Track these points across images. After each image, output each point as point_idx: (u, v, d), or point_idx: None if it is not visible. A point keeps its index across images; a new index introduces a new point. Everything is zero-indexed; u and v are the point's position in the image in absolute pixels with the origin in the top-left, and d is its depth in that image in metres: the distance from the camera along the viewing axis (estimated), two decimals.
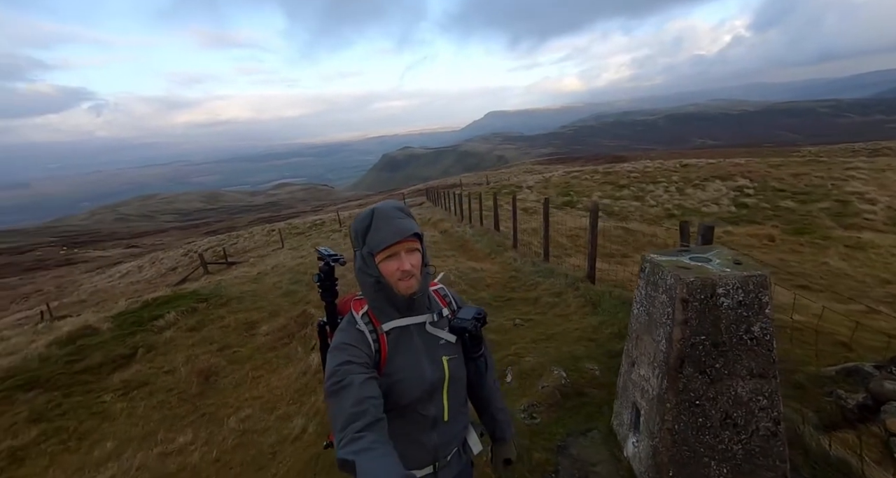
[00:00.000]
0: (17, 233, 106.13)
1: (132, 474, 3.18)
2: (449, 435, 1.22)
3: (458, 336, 1.23)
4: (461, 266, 6.41)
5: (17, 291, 31.04)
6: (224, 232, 49.70)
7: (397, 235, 1.09)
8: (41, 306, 14.44)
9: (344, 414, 0.93)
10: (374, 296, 1.13)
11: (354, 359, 1.03)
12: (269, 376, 4.42)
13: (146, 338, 5.40)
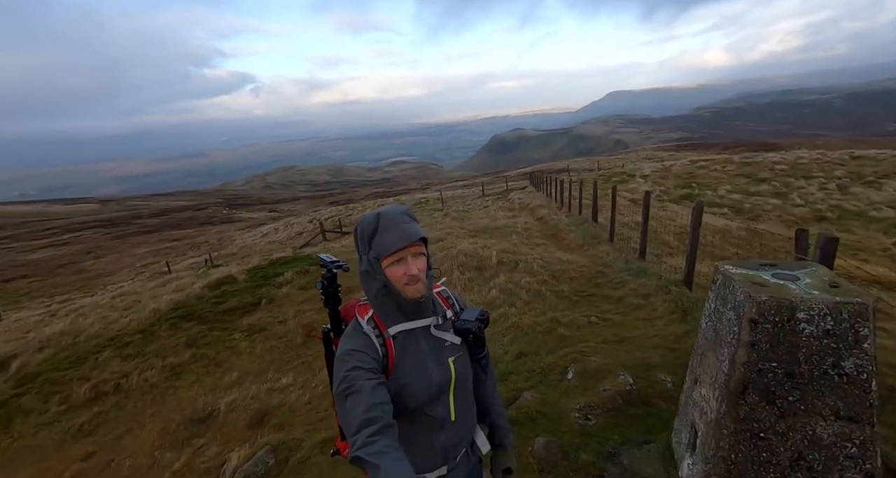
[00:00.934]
0: (197, 193, 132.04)
1: (247, 401, 3.95)
2: (457, 436, 1.22)
3: (461, 337, 1.23)
4: (547, 256, 6.28)
5: (193, 240, 38.96)
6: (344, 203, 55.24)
7: (404, 239, 1.09)
8: (205, 255, 17.95)
9: (357, 420, 0.95)
10: (380, 300, 1.14)
11: (363, 365, 1.05)
12: None
13: (269, 291, 6.46)
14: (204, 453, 3.28)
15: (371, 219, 1.12)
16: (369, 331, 1.11)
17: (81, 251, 38.29)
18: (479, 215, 12.36)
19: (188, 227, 52.49)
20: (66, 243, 45.02)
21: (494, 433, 1.34)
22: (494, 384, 1.38)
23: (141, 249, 36.72)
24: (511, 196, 19.41)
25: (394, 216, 1.12)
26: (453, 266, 6.29)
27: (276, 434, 3.35)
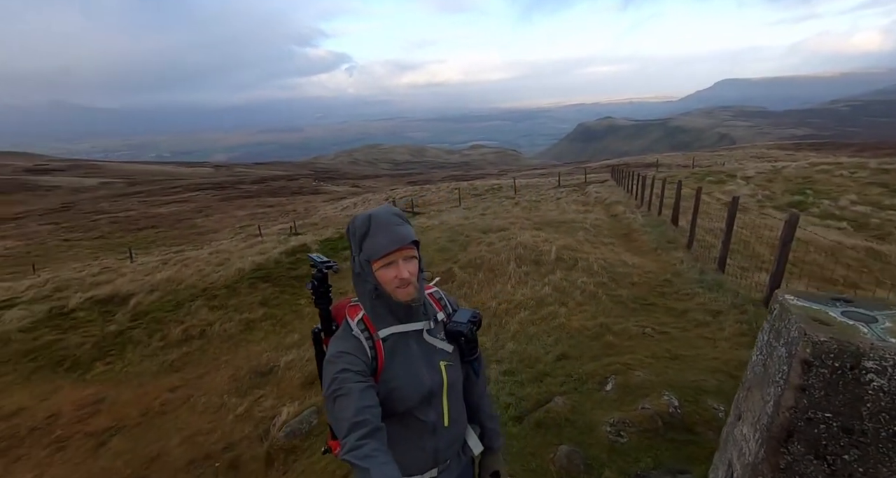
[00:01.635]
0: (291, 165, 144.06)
1: (303, 363, 4.34)
2: (449, 439, 1.22)
3: (454, 339, 1.22)
4: (611, 257, 5.94)
5: (284, 208, 42.86)
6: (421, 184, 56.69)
7: (395, 242, 1.08)
8: (291, 223, 19.66)
9: (347, 423, 0.97)
10: (371, 303, 1.13)
11: (352, 367, 1.05)
12: None
13: (338, 262, 6.95)
14: (262, 403, 3.69)
15: (362, 220, 1.11)
16: (359, 333, 1.11)
17: (195, 209, 44.08)
18: (549, 207, 11.96)
19: (281, 195, 57.68)
20: (185, 201, 52.04)
21: (484, 436, 1.33)
22: (485, 386, 1.37)
23: (241, 211, 41.30)
24: (588, 189, 18.45)
25: (385, 218, 1.10)
26: (510, 258, 6.21)
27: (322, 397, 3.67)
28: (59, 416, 3.84)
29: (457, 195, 22.40)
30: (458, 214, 13.08)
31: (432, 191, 30.07)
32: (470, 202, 19.89)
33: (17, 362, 4.82)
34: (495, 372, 3.41)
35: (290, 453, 3.02)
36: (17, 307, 6.53)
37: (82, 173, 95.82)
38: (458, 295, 5.46)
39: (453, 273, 6.08)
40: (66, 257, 22.11)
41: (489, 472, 1.34)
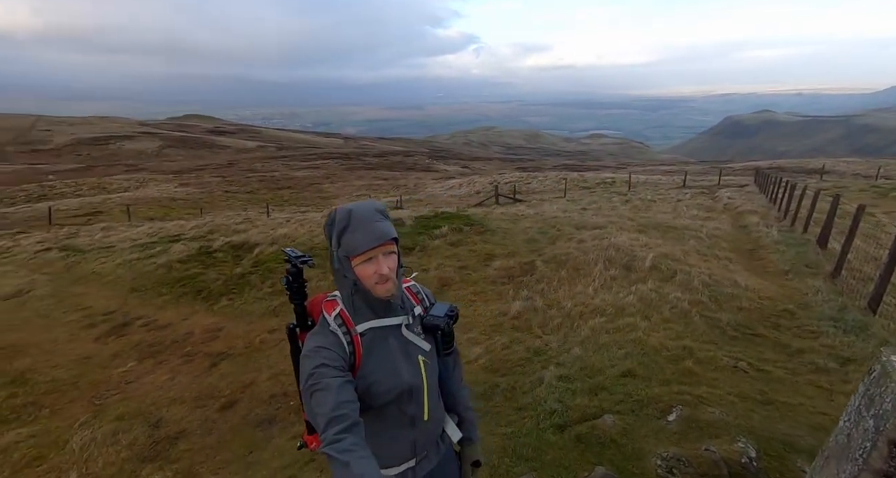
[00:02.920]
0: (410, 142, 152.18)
1: None
2: (428, 432, 1.24)
3: (431, 333, 1.23)
4: (720, 274, 5.18)
5: (396, 182, 45.81)
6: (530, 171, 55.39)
7: (376, 239, 1.07)
8: (397, 197, 20.96)
9: (325, 418, 0.98)
10: (350, 298, 1.13)
11: (329, 362, 1.05)
12: (480, 303, 5.25)
13: (424, 240, 7.27)
14: None
15: (342, 216, 1.10)
16: (336, 328, 1.10)
17: (323, 176, 49.56)
18: (663, 209, 10.77)
19: (396, 169, 61.59)
20: (317, 168, 58.77)
21: (462, 426, 1.34)
22: (461, 376, 1.37)
23: (360, 181, 45.26)
24: (719, 193, 16.09)
25: (366, 214, 1.09)
26: (599, 259, 5.81)
27: None
28: (191, 335, 4.82)
29: (563, 186, 21.42)
30: (558, 205, 12.56)
31: (539, 179, 29.18)
32: (576, 195, 18.89)
33: (172, 286, 6.14)
34: (551, 375, 3.30)
35: None
36: (180, 242, 8.23)
37: (246, 137, 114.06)
38: (535, 290, 5.33)
39: (535, 266, 5.93)
40: (224, 206, 26.85)
41: (470, 462, 1.35)
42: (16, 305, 5.93)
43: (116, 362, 4.36)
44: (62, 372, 4.17)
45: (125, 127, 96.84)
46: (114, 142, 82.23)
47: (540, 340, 4.14)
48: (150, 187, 35.73)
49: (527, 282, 5.59)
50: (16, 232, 14.64)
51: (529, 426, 2.73)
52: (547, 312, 4.74)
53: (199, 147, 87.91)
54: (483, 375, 3.60)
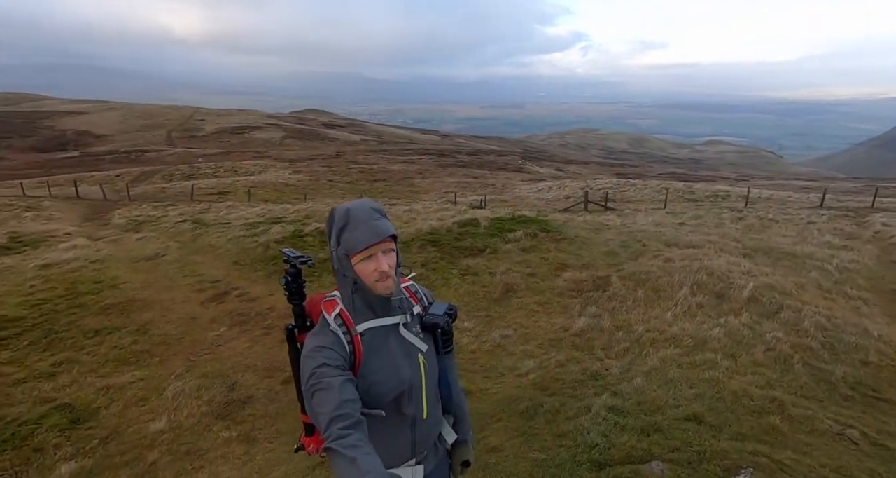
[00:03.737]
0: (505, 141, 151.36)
1: None
2: (427, 431, 1.25)
3: (429, 332, 1.23)
4: (845, 317, 4.28)
5: (485, 181, 45.91)
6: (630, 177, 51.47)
7: (375, 236, 1.08)
8: (483, 196, 20.98)
9: (327, 417, 0.98)
10: (350, 297, 1.14)
11: (330, 362, 1.05)
12: (543, 315, 5.04)
13: (496, 243, 7.17)
14: None
15: (341, 214, 1.12)
16: (336, 328, 1.11)
17: (417, 171, 51.64)
18: (785, 231, 9.23)
19: (488, 168, 61.64)
20: (412, 163, 61.45)
21: (457, 427, 1.35)
22: (457, 377, 1.38)
23: (450, 178, 46.26)
24: (870, 218, 13.28)
25: (364, 212, 1.11)
26: (685, 281, 5.19)
27: None
28: (273, 310, 5.39)
29: (664, 196, 19.53)
30: (653, 218, 11.48)
31: (637, 187, 26.96)
32: (678, 207, 17.09)
33: (266, 263, 6.92)
34: (602, 404, 3.04)
35: None
36: (280, 224, 9.23)
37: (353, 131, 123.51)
38: (605, 308, 4.95)
39: (609, 282, 5.50)
40: (326, 193, 29.47)
41: (460, 461, 1.36)
42: (152, 265, 7.21)
43: (213, 325, 5.06)
44: (172, 328, 4.96)
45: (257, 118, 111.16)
46: (247, 131, 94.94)
47: (599, 364, 3.84)
48: (270, 173, 40.64)
49: (597, 298, 5.21)
50: (167, 204, 17.73)
51: (564, 457, 2.55)
52: (614, 333, 4.38)
53: (313, 139, 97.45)
54: (530, 391, 3.45)
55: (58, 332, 4.70)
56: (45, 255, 7.72)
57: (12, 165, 56.94)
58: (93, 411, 3.51)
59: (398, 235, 1.18)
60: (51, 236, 9.82)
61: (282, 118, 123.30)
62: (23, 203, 17.90)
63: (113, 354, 4.37)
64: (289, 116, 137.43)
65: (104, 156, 64.27)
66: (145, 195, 23.48)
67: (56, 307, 5.29)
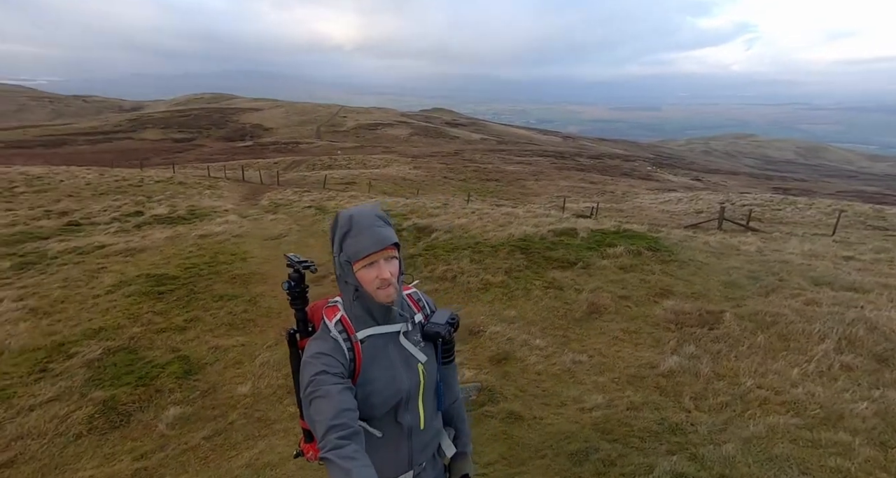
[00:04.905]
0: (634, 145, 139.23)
1: (500, 339, 4.61)
2: (424, 442, 1.22)
3: (431, 341, 1.20)
4: None
5: (604, 187, 42.86)
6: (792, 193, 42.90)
7: (377, 244, 1.07)
8: (595, 204, 19.56)
9: (324, 425, 0.98)
10: (351, 304, 1.14)
11: (329, 369, 1.04)
12: (628, 345, 4.45)
13: (591, 257, 6.59)
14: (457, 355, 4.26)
15: (344, 220, 1.11)
16: (337, 335, 1.11)
17: (531, 172, 50.60)
18: None
19: (609, 174, 57.42)
20: (528, 164, 60.44)
21: (458, 439, 1.34)
22: (458, 388, 1.36)
23: (565, 182, 44.25)
24: None
25: (367, 219, 1.09)
26: (829, 333, 4.07)
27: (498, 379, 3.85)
28: None
29: (835, 220, 15.76)
30: (811, 246, 9.36)
31: (800, 205, 22.24)
32: (854, 235, 13.66)
33: None
34: (669, 467, 2.57)
35: None
36: None
37: (474, 130, 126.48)
38: (707, 350, 4.17)
39: (721, 319, 4.63)
40: (438, 190, 30.72)
41: (459, 475, 1.33)
42: (275, 244, 8.37)
43: None
44: (276, 302, 5.68)
45: (389, 116, 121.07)
46: (380, 128, 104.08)
47: (684, 416, 3.26)
48: (393, 167, 43.95)
49: (700, 336, 4.43)
50: (304, 191, 20.43)
51: None
52: (712, 382, 3.67)
53: (436, 136, 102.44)
54: (588, 431, 3.09)
55: (196, 293, 5.76)
56: (205, 226, 9.53)
57: (207, 151, 71.82)
58: (202, 366, 4.20)
59: (489, 240, 1.18)
60: (214, 211, 12.08)
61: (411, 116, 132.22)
62: (206, 183, 22.41)
63: (227, 319, 5.18)
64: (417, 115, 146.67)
65: (269, 146, 76.99)
66: (291, 181, 27.39)
67: (200, 272, 6.48)
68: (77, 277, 6.32)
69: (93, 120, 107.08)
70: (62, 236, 8.98)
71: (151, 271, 6.41)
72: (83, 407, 3.56)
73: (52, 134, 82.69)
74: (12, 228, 9.68)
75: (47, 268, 6.78)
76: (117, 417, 3.53)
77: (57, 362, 4.13)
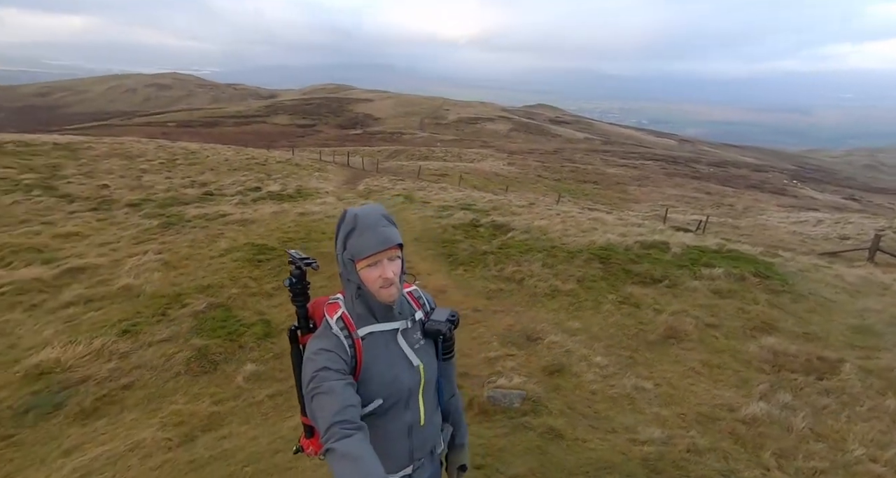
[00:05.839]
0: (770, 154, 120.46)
1: (557, 350, 4.39)
2: (424, 438, 1.23)
3: (431, 338, 1.21)
4: None
5: (721, 199, 37.86)
6: None
7: (381, 244, 1.08)
8: (705, 217, 17.40)
9: (328, 421, 0.98)
10: (353, 302, 1.15)
11: (331, 365, 1.06)
12: (705, 380, 3.92)
13: (681, 276, 5.88)
14: (505, 363, 4.14)
15: (349, 219, 1.11)
16: (338, 331, 1.12)
17: (635, 177, 46.73)
18: None
19: (731, 185, 50.53)
20: (633, 168, 55.93)
21: (457, 432, 1.37)
22: (455, 384, 1.39)
23: (673, 190, 40.02)
24: None
25: (372, 219, 1.10)
26: None
27: (547, 391, 3.69)
28: (425, 287, 5.96)
29: None
30: None
31: None
32: None
33: (436, 244, 7.60)
34: None
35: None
36: (467, 210, 9.97)
37: (578, 128, 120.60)
38: (810, 403, 3.45)
39: (838, 369, 3.80)
40: (529, 188, 30.01)
41: (456, 466, 1.37)
42: None
43: None
44: None
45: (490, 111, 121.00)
46: (480, 122, 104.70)
47: (759, 474, 2.80)
48: (487, 162, 43.99)
49: (802, 384, 3.72)
50: (398, 179, 21.53)
51: None
52: (807, 442, 3.08)
53: (537, 133, 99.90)
54: (633, 465, 2.82)
55: (286, 265, 6.39)
56: (306, 205, 10.58)
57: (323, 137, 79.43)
58: (279, 331, 4.68)
59: (567, 245, 1.20)
60: (317, 192, 13.34)
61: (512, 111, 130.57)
62: (317, 166, 24.82)
63: None
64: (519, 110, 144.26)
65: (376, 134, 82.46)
66: (389, 169, 29.05)
67: (293, 246, 7.24)
68: (201, 239, 7.50)
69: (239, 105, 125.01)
70: (198, 204, 10.70)
71: (255, 241, 7.32)
72: (184, 351, 4.22)
73: (209, 116, 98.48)
74: (166, 193, 11.80)
75: (182, 229, 8.15)
76: (207, 364, 4.13)
77: (173, 309, 4.97)
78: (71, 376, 3.85)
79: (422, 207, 10.86)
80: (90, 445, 3.16)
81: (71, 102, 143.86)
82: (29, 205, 9.63)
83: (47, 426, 3.37)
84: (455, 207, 10.68)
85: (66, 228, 8.07)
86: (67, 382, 3.78)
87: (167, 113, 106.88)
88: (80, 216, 9.04)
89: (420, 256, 7.09)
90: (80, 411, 3.51)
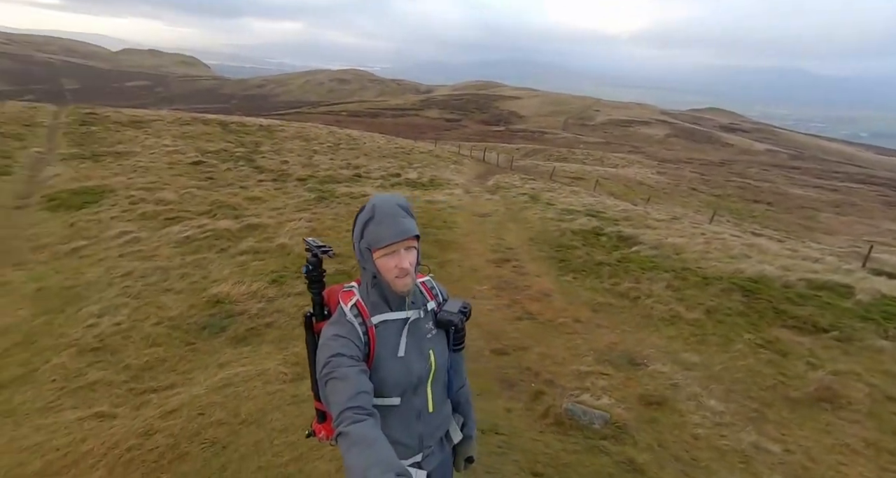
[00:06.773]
0: None
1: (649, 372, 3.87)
2: (433, 425, 1.26)
3: (443, 329, 1.24)
4: None
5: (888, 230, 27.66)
6: None
7: (399, 234, 1.10)
8: None
9: (341, 405, 0.99)
10: (368, 290, 1.18)
11: (345, 351, 1.07)
12: (861, 461, 3.01)
13: (862, 330, 4.50)
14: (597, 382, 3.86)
15: (367, 209, 1.14)
16: (352, 318, 1.14)
17: (832, 202, 37.28)
18: None
19: None
20: (832, 190, 44.77)
21: (465, 423, 1.39)
22: (465, 375, 1.41)
23: (892, 225, 30.68)
24: None
25: (390, 209, 1.12)
26: None
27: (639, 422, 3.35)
28: (528, 289, 5.80)
29: None
30: None
31: None
32: None
33: (551, 247, 7.28)
34: None
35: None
36: (592, 217, 9.36)
37: (759, 137, 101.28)
38: None
39: None
40: (676, 201, 26.46)
41: (464, 457, 1.40)
42: (480, 221, 9.15)
43: (483, 281, 6.06)
44: (457, 271, 6.31)
45: (647, 113, 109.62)
46: (633, 125, 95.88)
47: None
48: (632, 168, 40.12)
49: None
50: (529, 178, 21.23)
51: None
52: None
53: (702, 141, 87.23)
54: None
55: None
56: (434, 194, 11.25)
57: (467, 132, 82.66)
58: None
59: (704, 270, 1.13)
60: (448, 183, 14.05)
61: (674, 115, 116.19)
62: (454, 158, 26.08)
63: None
64: (683, 114, 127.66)
65: (518, 132, 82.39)
66: (523, 168, 28.82)
67: None
68: (343, 214, 8.64)
69: (399, 98, 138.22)
70: (348, 183, 12.31)
71: None
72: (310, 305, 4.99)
73: (373, 108, 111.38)
74: (326, 172, 13.87)
75: (330, 204, 9.51)
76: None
77: None
78: (233, 307, 4.88)
79: (545, 208, 10.56)
80: (235, 363, 3.99)
81: (278, 93, 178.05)
82: (235, 172, 12.40)
83: (214, 343, 4.35)
84: (580, 212, 10.11)
85: (253, 192, 10.17)
86: (231, 311, 4.81)
87: (342, 104, 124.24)
88: (264, 185, 11.27)
89: (531, 257, 6.96)
90: (235, 336, 4.43)
